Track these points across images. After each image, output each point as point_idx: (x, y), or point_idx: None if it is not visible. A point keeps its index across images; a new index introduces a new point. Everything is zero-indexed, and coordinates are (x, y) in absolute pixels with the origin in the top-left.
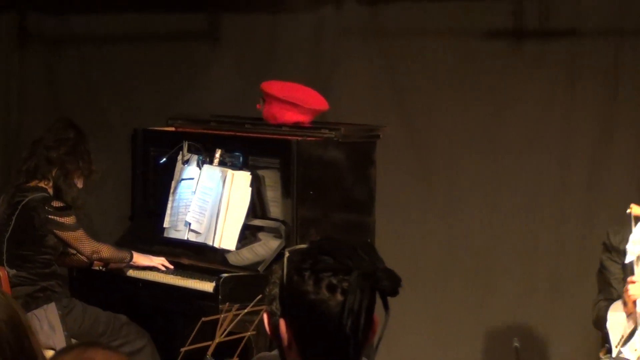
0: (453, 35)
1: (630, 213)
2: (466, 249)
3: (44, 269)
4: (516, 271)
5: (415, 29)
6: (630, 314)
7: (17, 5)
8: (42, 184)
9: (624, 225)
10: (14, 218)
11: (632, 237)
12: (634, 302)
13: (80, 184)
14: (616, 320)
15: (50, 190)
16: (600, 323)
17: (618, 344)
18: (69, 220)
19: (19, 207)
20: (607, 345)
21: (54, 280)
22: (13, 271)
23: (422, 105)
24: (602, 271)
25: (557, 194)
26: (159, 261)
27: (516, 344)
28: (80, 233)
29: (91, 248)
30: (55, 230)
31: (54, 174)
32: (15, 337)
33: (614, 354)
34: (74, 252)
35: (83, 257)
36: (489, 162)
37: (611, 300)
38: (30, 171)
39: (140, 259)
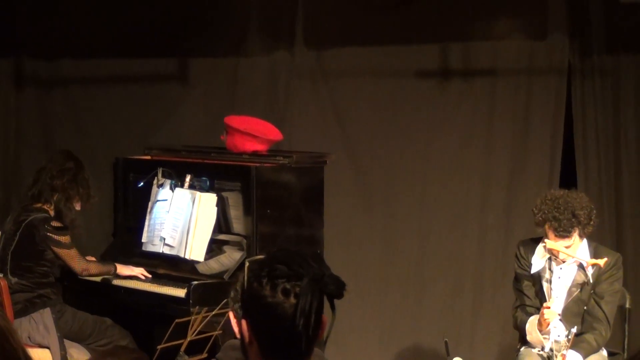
0: (387, 75)
1: (544, 246)
2: (402, 258)
3: (42, 279)
4: (445, 277)
5: (355, 70)
6: (544, 332)
7: (14, 52)
8: (45, 207)
9: (531, 240)
10: (18, 234)
11: (534, 258)
12: (549, 324)
13: (78, 207)
14: (534, 337)
15: (52, 212)
16: (520, 330)
17: (540, 352)
18: (65, 239)
19: (23, 225)
20: (522, 339)
21: (49, 289)
22: (15, 279)
23: (362, 135)
24: (516, 280)
25: (479, 212)
26: (139, 271)
27: (446, 339)
28: (73, 252)
29: (81, 266)
30: (52, 247)
31: (55, 198)
32: None
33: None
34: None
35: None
36: (421, 184)
37: (525, 307)
38: (34, 196)
39: (123, 269)
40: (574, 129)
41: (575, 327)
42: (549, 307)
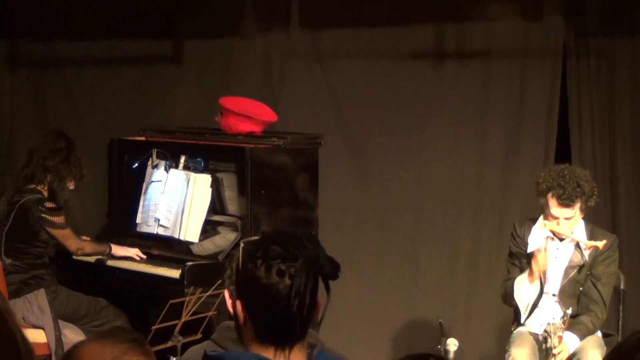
0: (382, 56)
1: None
2: (397, 239)
3: (36, 260)
4: (440, 258)
5: (350, 51)
6: (534, 282)
7: (8, 33)
8: (38, 187)
9: (528, 219)
10: (12, 215)
11: (531, 237)
12: (540, 272)
13: (71, 186)
14: (522, 292)
15: (45, 193)
16: (508, 297)
17: (525, 311)
18: (59, 219)
19: (17, 206)
20: (517, 320)
21: (44, 270)
22: (9, 260)
23: (357, 116)
24: (510, 255)
25: (474, 192)
26: (134, 252)
27: (440, 320)
28: (67, 232)
29: (76, 245)
30: (46, 227)
31: (48, 179)
32: None
33: (522, 320)
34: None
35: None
36: (415, 165)
37: (515, 280)
38: (27, 177)
39: (118, 250)
40: (568, 110)
41: (571, 308)
42: (540, 251)
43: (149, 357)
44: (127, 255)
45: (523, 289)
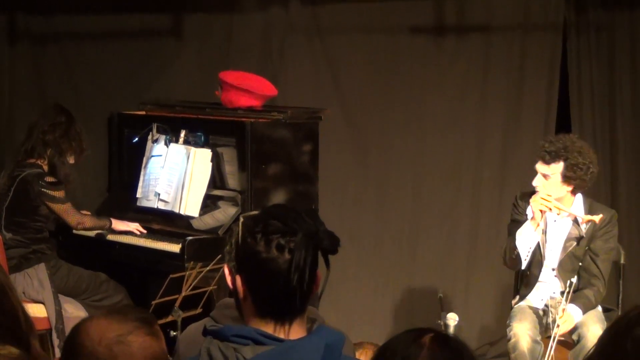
0: (382, 31)
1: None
2: (396, 213)
3: (36, 234)
4: (440, 231)
5: (350, 26)
6: (537, 229)
7: (8, 7)
8: (38, 162)
9: (529, 192)
10: (12, 190)
11: (529, 210)
12: (540, 212)
13: (72, 161)
14: (524, 237)
15: (45, 167)
16: (509, 250)
17: (527, 255)
18: (59, 194)
19: (17, 180)
20: (517, 294)
21: (44, 244)
22: (9, 235)
23: (357, 91)
24: (511, 222)
25: (474, 166)
26: (135, 226)
27: (440, 295)
28: (67, 206)
29: (76, 220)
30: (46, 202)
31: (49, 153)
32: None
33: (523, 266)
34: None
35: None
36: (415, 139)
37: None
38: (27, 151)
39: (118, 224)
40: (569, 84)
41: (575, 277)
42: (536, 194)
43: (156, 338)
44: (127, 230)
45: (524, 234)
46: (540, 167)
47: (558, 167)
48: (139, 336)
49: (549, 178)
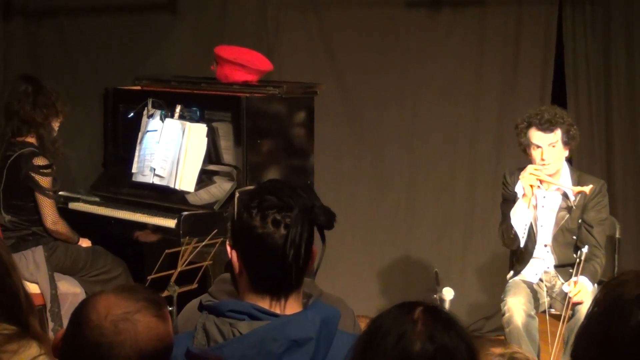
0: (377, 4)
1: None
2: (392, 189)
3: (34, 215)
4: (435, 205)
5: (345, 0)
6: (529, 205)
7: None
8: (27, 139)
9: (517, 168)
10: (5, 171)
11: (518, 186)
12: (530, 187)
13: (56, 127)
14: (518, 216)
15: (36, 141)
16: (506, 231)
17: (524, 232)
18: (46, 182)
19: (9, 161)
20: (512, 269)
21: (42, 226)
22: (8, 217)
23: (352, 65)
24: (503, 202)
25: (470, 140)
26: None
27: (436, 270)
28: (50, 201)
29: (53, 218)
30: (33, 189)
31: (32, 128)
32: None
33: (522, 244)
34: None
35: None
36: (411, 114)
37: None
38: (13, 131)
39: (82, 243)
40: (564, 58)
41: (587, 247)
42: (525, 170)
43: (162, 320)
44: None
45: (518, 213)
46: (546, 137)
47: (559, 133)
48: (145, 316)
49: (554, 145)
